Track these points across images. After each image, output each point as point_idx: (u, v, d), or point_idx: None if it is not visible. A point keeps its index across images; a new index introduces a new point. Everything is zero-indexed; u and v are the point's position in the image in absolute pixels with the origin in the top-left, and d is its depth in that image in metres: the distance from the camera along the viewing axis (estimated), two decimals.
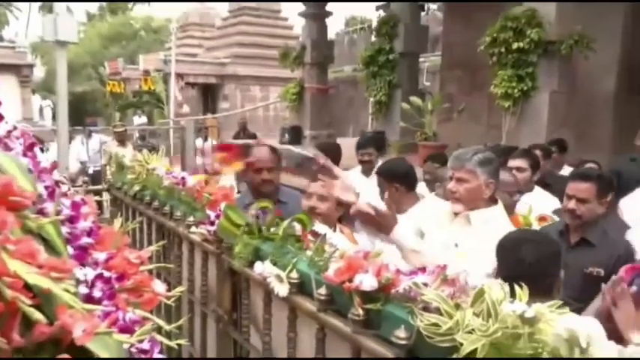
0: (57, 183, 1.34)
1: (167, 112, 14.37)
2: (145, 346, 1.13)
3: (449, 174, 2.26)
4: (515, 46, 4.95)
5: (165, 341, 1.14)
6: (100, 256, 1.32)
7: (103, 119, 19.04)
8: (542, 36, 4.88)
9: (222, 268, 1.88)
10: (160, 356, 1.12)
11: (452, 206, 2.21)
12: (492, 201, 2.21)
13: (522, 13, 5.01)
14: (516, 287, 1.03)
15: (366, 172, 3.99)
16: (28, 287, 0.81)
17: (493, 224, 2.11)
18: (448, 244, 2.05)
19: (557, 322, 0.95)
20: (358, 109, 14.25)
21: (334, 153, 3.87)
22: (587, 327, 0.93)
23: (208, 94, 18.83)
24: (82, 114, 22.06)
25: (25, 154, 1.21)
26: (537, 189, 3.39)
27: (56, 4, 2.82)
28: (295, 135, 8.35)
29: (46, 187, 1.22)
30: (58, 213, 1.24)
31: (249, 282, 1.76)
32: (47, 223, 1.10)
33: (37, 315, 0.79)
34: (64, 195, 1.40)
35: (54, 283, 0.93)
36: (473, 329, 1.01)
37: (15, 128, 1.18)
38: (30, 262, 0.86)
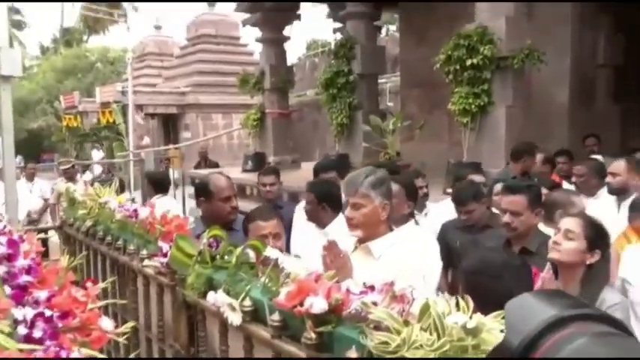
0: None
1: (127, 144, 14.15)
2: None
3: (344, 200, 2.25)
4: (469, 62, 5.07)
5: None
6: (41, 294, 1.27)
7: (59, 155, 18.63)
8: (494, 52, 5.02)
9: (177, 300, 1.84)
10: None
11: (351, 233, 2.17)
12: (399, 221, 2.21)
13: (474, 30, 5.16)
14: (460, 300, 1.04)
15: None
16: None
17: (397, 247, 2.09)
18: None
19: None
20: (323, 133, 14.36)
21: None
22: None
23: (169, 124, 18.66)
24: (38, 150, 21.52)
25: None
26: None
27: None
28: (258, 162, 8.32)
29: None
30: None
31: (204, 313, 1.72)
32: None
33: None
34: (2, 233, 1.35)
35: None
36: (420, 345, 1.01)
37: None
38: None
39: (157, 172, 7.65)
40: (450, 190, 4.59)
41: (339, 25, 9.36)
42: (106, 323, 1.30)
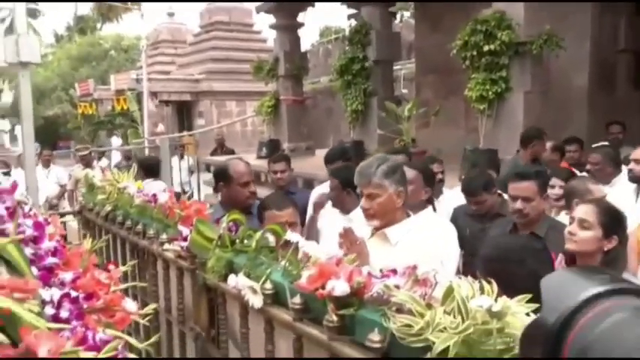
0: (19, 203, 1.31)
1: (142, 131, 14.25)
2: None
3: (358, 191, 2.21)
4: (486, 48, 5.00)
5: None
6: (67, 276, 1.29)
7: (75, 142, 18.85)
8: (512, 38, 4.94)
9: (197, 284, 1.85)
10: None
11: (368, 223, 2.16)
12: (416, 207, 2.20)
13: (491, 15, 5.08)
14: (484, 283, 1.04)
15: None
16: None
17: (414, 233, 2.09)
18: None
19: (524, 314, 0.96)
20: (337, 119, 14.32)
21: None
22: None
23: (183, 112, 18.74)
24: (54, 137, 21.77)
25: None
26: None
27: (17, 25, 2.78)
28: (273, 148, 8.33)
29: (7, 208, 1.20)
30: (18, 233, 1.21)
31: (225, 296, 1.73)
32: (8, 244, 1.07)
33: (0, 336, 0.77)
34: (27, 216, 1.37)
35: (16, 303, 0.91)
36: (444, 327, 1.01)
37: None
38: None
39: (149, 157, 7.73)
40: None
41: (353, 11, 9.29)
42: (130, 305, 1.31)
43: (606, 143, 4.79)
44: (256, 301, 1.46)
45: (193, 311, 1.92)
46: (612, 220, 2.09)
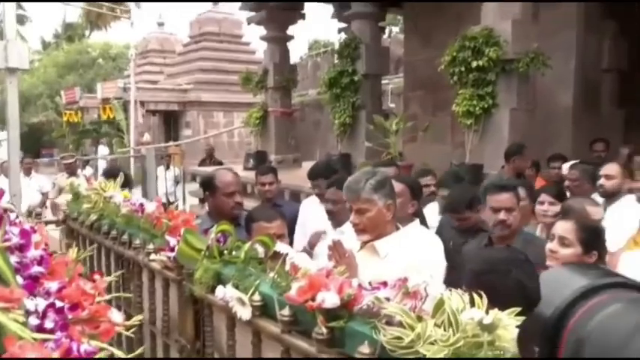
0: (5, 211, 1.29)
1: (127, 140, 14.15)
2: None
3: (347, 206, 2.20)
4: (474, 64, 5.06)
5: None
6: (52, 285, 1.27)
7: (59, 150, 18.64)
8: (499, 54, 5.01)
9: (184, 295, 1.83)
10: None
11: (358, 237, 2.16)
12: (404, 220, 2.21)
13: (479, 32, 5.16)
14: (475, 296, 1.04)
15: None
16: None
17: (403, 246, 2.09)
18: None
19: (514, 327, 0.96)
20: (325, 132, 14.37)
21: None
22: None
23: (170, 122, 18.67)
24: (38, 145, 21.48)
25: None
26: None
27: (7, 31, 2.76)
28: (260, 160, 8.31)
29: None
30: (4, 241, 1.19)
31: (212, 308, 1.71)
32: None
33: None
34: (13, 224, 1.35)
35: (1, 313, 0.89)
36: (435, 340, 1.01)
37: None
38: None
39: (114, 167, 7.66)
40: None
41: (343, 25, 9.36)
42: (116, 316, 1.29)
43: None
44: (244, 312, 1.44)
45: (178, 323, 1.90)
46: (591, 236, 2.12)
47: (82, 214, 2.70)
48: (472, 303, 1.05)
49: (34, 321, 1.08)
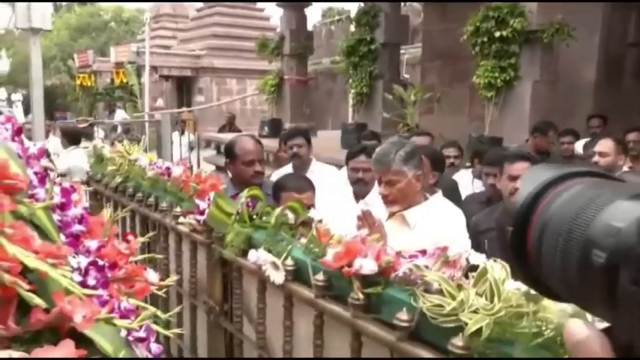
0: (45, 170, 1.30)
1: (141, 105, 14.13)
2: (142, 334, 1.11)
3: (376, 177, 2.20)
4: (497, 35, 4.98)
5: (162, 330, 1.11)
6: (92, 244, 1.29)
7: (72, 114, 18.65)
8: (524, 25, 4.92)
9: (213, 258, 1.85)
10: (156, 345, 1.10)
11: (387, 208, 2.16)
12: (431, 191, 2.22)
13: (504, 2, 5.06)
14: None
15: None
16: (21, 273, 0.78)
17: (431, 216, 2.10)
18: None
19: None
20: (337, 102, 14.26)
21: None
22: None
23: (183, 87, 18.56)
24: (52, 108, 21.52)
25: (12, 140, 1.16)
26: None
27: None
28: (275, 128, 8.28)
29: (36, 173, 1.18)
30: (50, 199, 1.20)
31: (241, 271, 1.73)
32: (39, 209, 1.06)
33: (37, 300, 0.76)
34: (53, 182, 1.36)
35: (52, 268, 0.90)
36: (477, 309, 1.02)
37: (0, 113, 1.13)
38: (25, 248, 0.82)
39: (71, 125, 7.63)
40: (469, 164, 4.58)
41: None
42: (152, 275, 1.31)
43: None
44: (278, 276, 1.46)
45: (207, 285, 1.92)
46: None
47: (107, 176, 2.72)
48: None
49: (76, 278, 1.10)
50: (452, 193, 3.09)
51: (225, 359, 1.85)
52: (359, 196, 3.00)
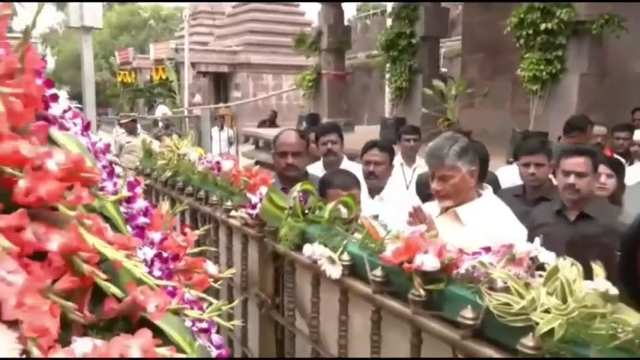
0: (110, 164, 1.33)
1: (179, 101, 14.38)
2: (204, 325, 1.13)
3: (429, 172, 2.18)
4: (543, 27, 4.85)
5: (222, 322, 1.13)
6: (155, 236, 1.32)
7: (113, 109, 19.13)
8: (571, 16, 4.78)
9: (265, 251, 1.87)
10: (217, 336, 1.12)
11: (440, 203, 2.14)
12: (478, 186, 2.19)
13: None
14: (595, 266, 1.01)
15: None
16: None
17: (485, 213, 2.07)
18: None
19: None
20: (373, 96, 14.16)
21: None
22: None
23: (220, 83, 18.78)
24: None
25: (82, 134, 1.19)
26: None
27: None
28: (313, 123, 8.28)
29: (104, 167, 1.21)
30: (115, 192, 1.23)
31: (294, 265, 1.74)
32: (108, 202, 1.09)
33: (114, 289, 0.77)
34: (118, 176, 1.39)
35: (125, 259, 0.92)
36: (548, 308, 0.99)
37: (70, 108, 1.17)
38: (100, 239, 0.84)
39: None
40: (512, 159, 4.47)
41: None
42: (212, 267, 1.33)
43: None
44: (334, 271, 1.46)
45: (258, 278, 1.94)
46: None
47: (157, 170, 2.78)
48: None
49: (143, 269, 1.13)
50: (492, 187, 3.04)
51: (283, 359, 1.85)
52: (373, 191, 2.96)
